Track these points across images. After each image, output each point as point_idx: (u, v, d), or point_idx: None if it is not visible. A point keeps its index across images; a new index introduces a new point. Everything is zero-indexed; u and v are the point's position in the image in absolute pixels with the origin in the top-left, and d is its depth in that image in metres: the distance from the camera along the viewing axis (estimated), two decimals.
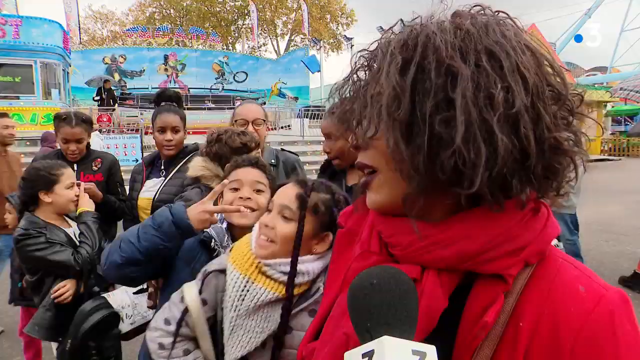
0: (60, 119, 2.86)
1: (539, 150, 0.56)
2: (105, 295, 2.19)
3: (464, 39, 0.57)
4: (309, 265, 1.23)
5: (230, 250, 1.35)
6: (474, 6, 0.62)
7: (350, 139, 0.68)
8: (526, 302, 0.58)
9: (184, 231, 1.45)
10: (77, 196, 2.40)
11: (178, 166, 2.59)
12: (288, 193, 1.26)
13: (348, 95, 0.74)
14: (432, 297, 0.59)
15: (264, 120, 2.45)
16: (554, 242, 0.63)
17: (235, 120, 2.43)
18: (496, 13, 0.62)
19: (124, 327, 2.15)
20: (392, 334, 0.52)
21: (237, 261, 1.25)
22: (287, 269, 1.22)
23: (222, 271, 1.29)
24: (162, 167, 2.66)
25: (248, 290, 1.20)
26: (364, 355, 0.51)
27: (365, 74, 0.65)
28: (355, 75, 0.67)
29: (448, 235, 0.60)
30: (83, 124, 2.88)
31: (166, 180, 2.54)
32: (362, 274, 0.58)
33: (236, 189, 1.55)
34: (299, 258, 1.22)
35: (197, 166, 1.99)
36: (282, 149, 2.74)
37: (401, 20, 0.66)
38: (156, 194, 2.52)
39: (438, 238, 0.61)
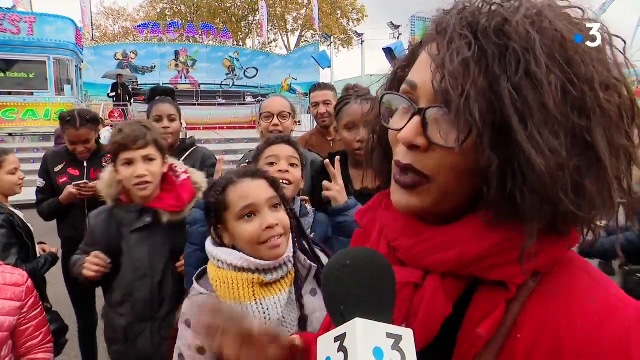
0: (64, 121, 2.78)
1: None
2: None
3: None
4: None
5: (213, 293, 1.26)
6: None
7: (408, 134, 0.55)
8: (528, 313, 0.53)
9: None
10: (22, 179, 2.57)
11: (180, 160, 2.60)
12: (259, 186, 1.28)
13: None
14: (433, 303, 0.56)
15: (290, 114, 2.38)
16: None
17: (261, 114, 2.40)
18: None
19: None
20: (366, 316, 0.49)
21: (236, 296, 1.19)
22: (291, 254, 1.28)
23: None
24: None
25: (268, 308, 1.20)
26: (336, 339, 0.48)
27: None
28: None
29: (450, 237, 0.57)
30: (88, 124, 2.81)
31: None
32: (337, 255, 0.56)
33: (273, 164, 1.63)
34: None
35: None
36: (309, 150, 2.68)
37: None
38: None
39: (439, 240, 0.58)
